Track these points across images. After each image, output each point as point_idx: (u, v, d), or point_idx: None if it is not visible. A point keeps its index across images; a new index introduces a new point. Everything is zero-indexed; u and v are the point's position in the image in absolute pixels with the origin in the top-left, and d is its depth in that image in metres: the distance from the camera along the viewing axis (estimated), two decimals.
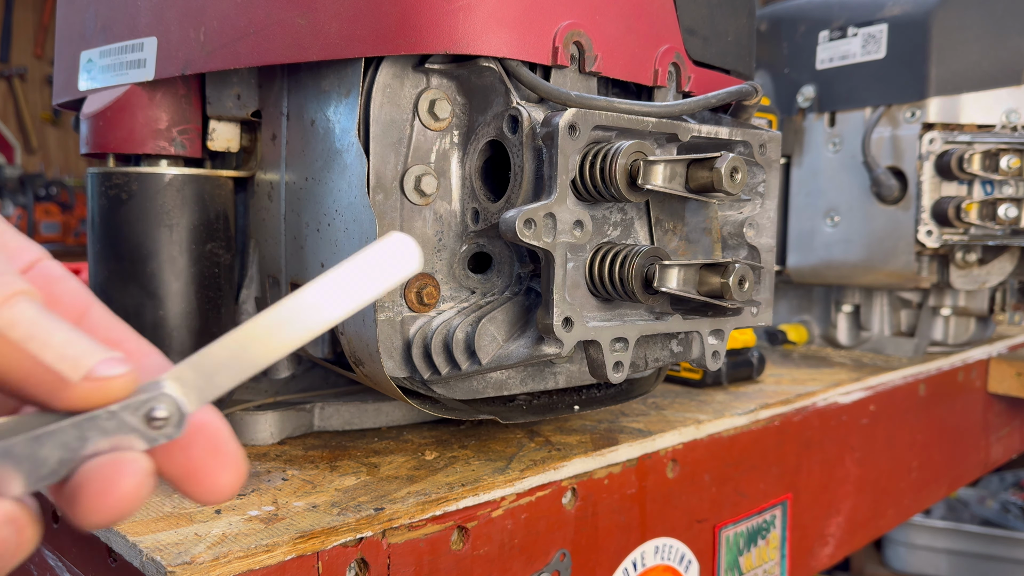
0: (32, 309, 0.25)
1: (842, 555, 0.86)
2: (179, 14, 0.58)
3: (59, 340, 0.25)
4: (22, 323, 0.25)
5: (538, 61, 0.52)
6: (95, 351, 0.26)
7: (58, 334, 0.25)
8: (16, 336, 0.25)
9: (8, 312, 0.25)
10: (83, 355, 0.25)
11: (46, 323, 0.25)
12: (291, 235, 0.60)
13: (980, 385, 1.10)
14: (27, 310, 0.25)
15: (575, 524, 0.56)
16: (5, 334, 0.25)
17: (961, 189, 0.98)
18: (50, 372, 0.25)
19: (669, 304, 0.57)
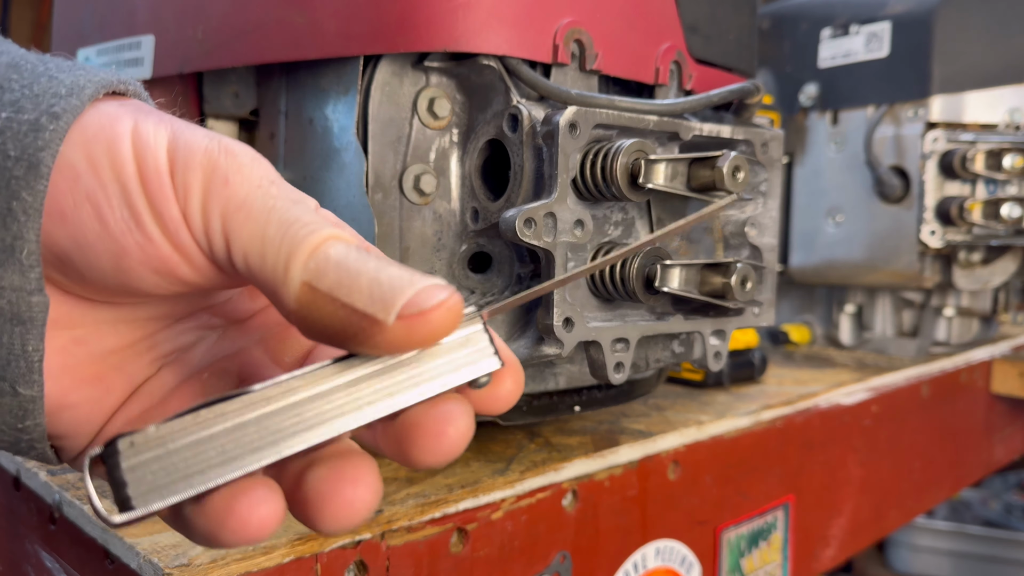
0: (340, 253, 0.24)
1: (845, 557, 0.85)
2: (177, 12, 0.57)
3: (368, 281, 0.23)
4: (330, 270, 0.23)
5: (538, 59, 0.52)
6: (407, 284, 0.23)
7: (367, 274, 0.23)
8: (325, 285, 0.23)
9: (315, 262, 0.23)
10: (394, 292, 0.23)
11: (355, 264, 0.23)
12: None
13: (983, 386, 1.09)
14: (335, 255, 0.24)
15: (576, 526, 0.56)
16: (315, 285, 0.23)
17: (964, 188, 0.98)
18: (364, 317, 0.23)
19: (671, 304, 0.57)
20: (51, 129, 0.24)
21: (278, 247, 0.24)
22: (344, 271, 0.23)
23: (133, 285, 0.26)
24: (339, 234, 0.24)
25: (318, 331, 0.24)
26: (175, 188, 0.25)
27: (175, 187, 0.25)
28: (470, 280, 0.55)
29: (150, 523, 0.45)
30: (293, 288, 0.24)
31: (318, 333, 0.24)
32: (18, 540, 0.54)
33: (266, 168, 0.26)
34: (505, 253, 0.55)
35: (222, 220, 0.24)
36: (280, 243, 0.24)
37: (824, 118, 1.07)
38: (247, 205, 0.24)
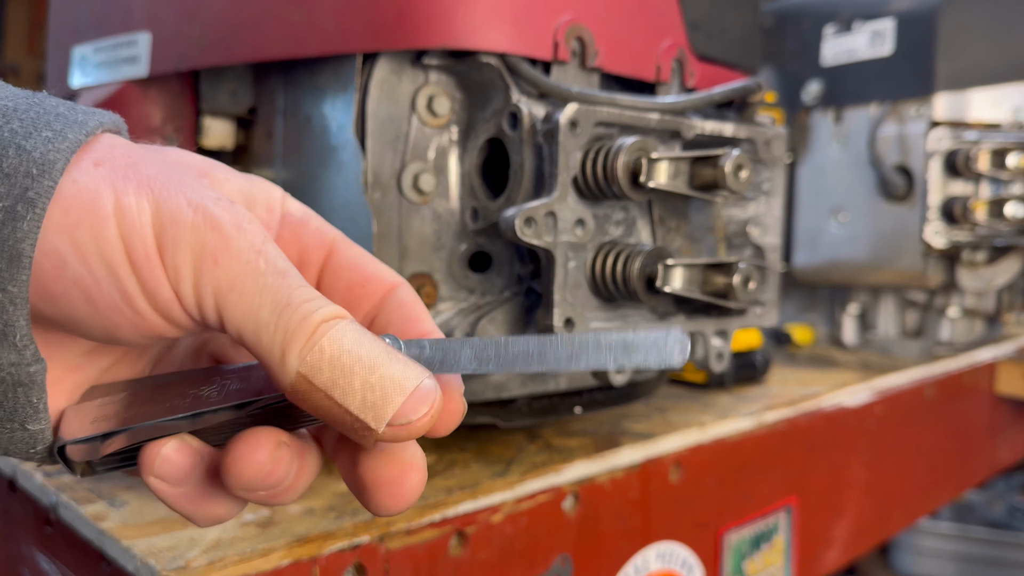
0: (335, 346, 0.25)
1: (848, 559, 0.85)
2: (173, 9, 0.57)
3: (360, 384, 0.25)
4: (325, 367, 0.25)
5: (539, 56, 0.51)
6: (397, 392, 0.25)
7: (360, 376, 0.25)
8: (319, 382, 0.25)
9: (310, 355, 0.25)
10: (385, 402, 0.25)
11: (348, 362, 0.25)
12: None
13: (987, 387, 1.09)
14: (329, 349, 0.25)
15: (576, 529, 0.55)
16: (310, 379, 0.25)
17: (968, 187, 0.97)
18: (357, 420, 0.25)
19: (672, 304, 0.56)
20: (28, 219, 0.24)
21: (272, 333, 0.25)
22: (339, 370, 0.25)
23: (123, 342, 0.27)
24: (331, 313, 0.25)
25: (312, 412, 0.26)
26: (165, 268, 0.25)
27: (165, 267, 0.25)
28: (470, 280, 0.55)
29: (146, 525, 0.44)
30: (289, 376, 0.25)
31: (311, 414, 0.26)
32: (14, 543, 0.54)
33: (252, 236, 0.26)
34: (505, 253, 0.55)
35: (215, 299, 0.25)
36: (275, 329, 0.25)
37: (827, 116, 1.06)
38: (239, 286, 0.25)
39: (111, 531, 0.44)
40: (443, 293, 0.54)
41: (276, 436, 0.26)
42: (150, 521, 0.45)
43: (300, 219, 0.32)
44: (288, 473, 0.27)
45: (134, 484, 0.50)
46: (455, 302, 0.54)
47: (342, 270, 0.31)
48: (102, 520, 0.45)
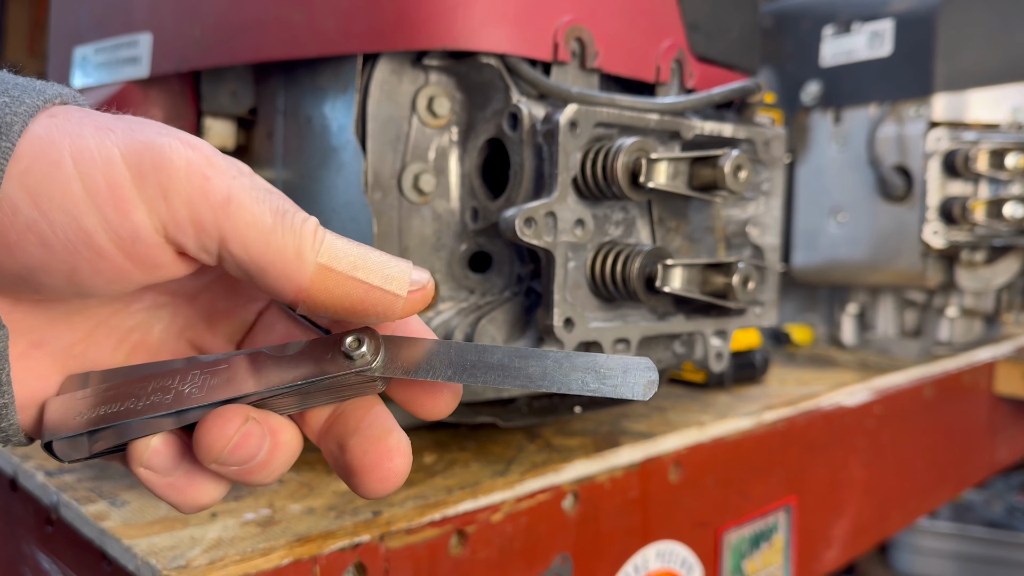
0: (337, 238, 0.27)
1: (847, 559, 0.85)
2: (174, 9, 0.57)
3: (375, 263, 0.27)
4: (342, 254, 0.27)
5: (538, 57, 0.51)
6: (403, 265, 0.27)
7: (371, 256, 0.27)
8: (343, 267, 0.26)
9: (327, 248, 0.26)
10: (400, 271, 0.27)
11: (355, 248, 0.27)
12: None
13: (986, 386, 1.09)
14: (338, 240, 0.27)
15: (576, 528, 0.55)
16: (331, 267, 0.26)
17: (967, 188, 0.97)
18: (385, 294, 0.27)
19: (672, 304, 0.56)
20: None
21: (282, 235, 0.26)
22: (355, 255, 0.27)
23: (87, 292, 0.27)
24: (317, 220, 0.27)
25: (332, 307, 0.27)
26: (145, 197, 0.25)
27: (145, 196, 0.25)
28: (470, 280, 0.55)
29: (147, 525, 0.44)
30: (308, 269, 0.26)
31: (331, 308, 0.27)
32: (15, 542, 0.54)
33: (230, 160, 0.27)
34: (505, 253, 0.55)
35: (213, 214, 0.25)
36: (283, 231, 0.26)
37: (826, 117, 1.07)
38: (235, 197, 0.26)
39: (112, 530, 0.44)
40: (443, 293, 0.54)
41: (245, 412, 0.27)
42: (151, 520, 0.45)
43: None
44: (259, 448, 0.27)
45: (135, 483, 0.50)
46: (455, 302, 0.54)
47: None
48: (103, 519, 0.45)
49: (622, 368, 0.28)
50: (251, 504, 0.48)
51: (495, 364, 0.28)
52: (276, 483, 0.52)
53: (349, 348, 0.28)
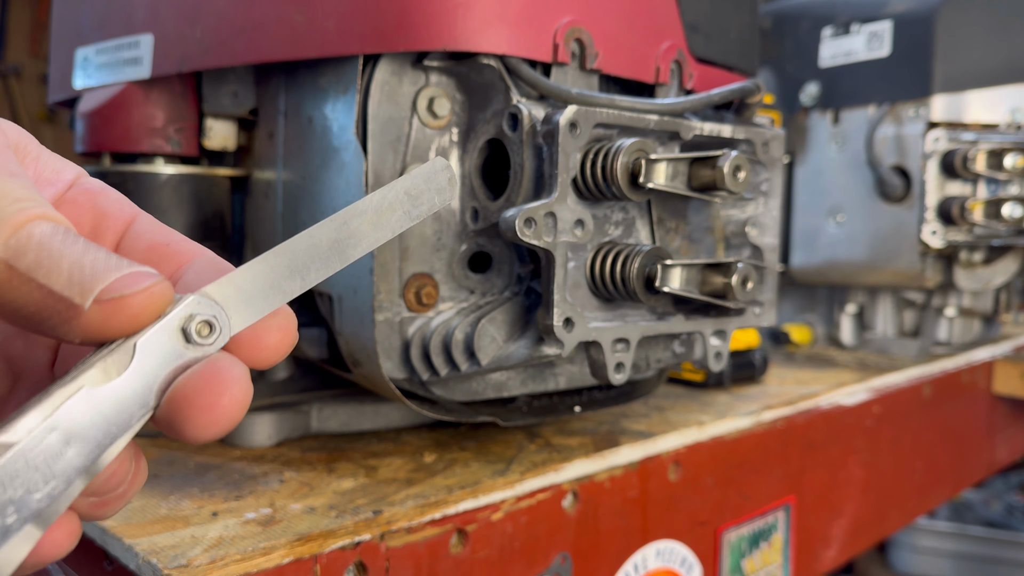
0: (46, 233, 0.23)
1: (846, 558, 0.85)
2: (175, 10, 0.57)
3: (69, 264, 0.22)
4: (31, 250, 0.22)
5: (538, 58, 0.52)
6: (111, 269, 0.23)
7: (70, 256, 0.22)
8: (24, 265, 0.22)
9: (16, 240, 0.22)
10: (95, 276, 0.22)
11: (59, 246, 0.23)
12: (288, 234, 0.59)
13: (985, 386, 1.09)
14: (40, 235, 0.23)
15: (576, 527, 0.56)
16: (12, 264, 0.22)
17: (966, 188, 0.97)
18: (60, 300, 0.22)
19: (671, 304, 0.56)
20: None
21: None
22: (45, 252, 0.22)
23: None
24: (50, 214, 0.23)
25: (12, 313, 0.23)
26: None
27: None
28: (470, 280, 0.55)
29: (148, 524, 0.45)
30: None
31: (12, 315, 0.23)
32: None
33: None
34: (505, 253, 0.55)
35: None
36: None
37: (825, 117, 1.07)
38: None
39: (113, 530, 0.44)
40: (443, 293, 0.54)
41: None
42: (152, 520, 0.45)
43: (100, 188, 0.29)
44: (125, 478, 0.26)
45: None
46: (455, 302, 0.55)
47: (144, 233, 0.28)
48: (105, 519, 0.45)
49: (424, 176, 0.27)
50: (252, 503, 0.48)
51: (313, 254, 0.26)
52: (277, 482, 0.52)
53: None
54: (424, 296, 0.53)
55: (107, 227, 0.28)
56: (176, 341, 0.24)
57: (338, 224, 0.27)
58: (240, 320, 0.25)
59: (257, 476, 0.53)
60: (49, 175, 0.28)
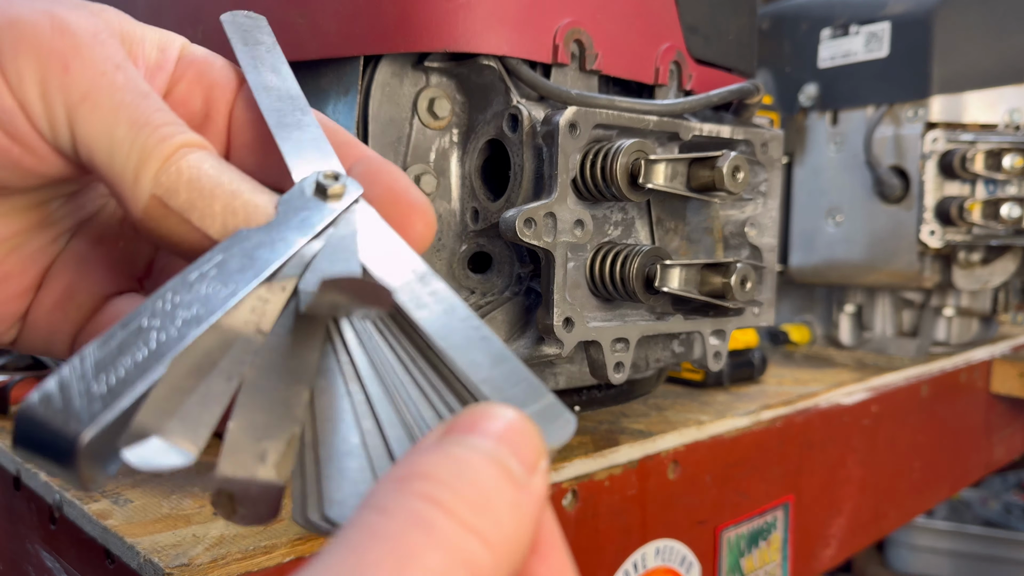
0: (193, 168, 0.23)
1: (844, 556, 0.85)
2: (175, 12, 0.57)
3: (222, 207, 0.23)
4: (182, 188, 0.23)
5: (538, 59, 0.52)
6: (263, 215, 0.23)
7: (221, 198, 0.23)
8: (177, 204, 0.23)
9: (167, 176, 0.23)
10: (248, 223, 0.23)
11: (209, 184, 0.23)
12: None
13: (983, 386, 1.09)
14: (188, 170, 0.23)
15: (575, 526, 0.56)
16: (167, 202, 0.23)
17: (964, 189, 0.98)
18: (214, 243, 0.23)
19: (671, 304, 0.57)
20: None
21: (127, 151, 0.23)
22: (197, 191, 0.23)
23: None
24: (192, 140, 0.23)
25: (161, 243, 0.24)
26: (5, 75, 0.22)
27: (5, 74, 0.22)
28: (470, 280, 0.55)
29: (150, 523, 0.45)
30: (142, 199, 0.23)
31: (160, 243, 0.24)
32: (18, 540, 0.54)
33: (110, 48, 0.24)
34: (505, 253, 0.55)
35: (66, 111, 0.23)
36: (130, 147, 0.23)
37: (824, 118, 1.07)
38: (92, 97, 0.23)
39: (115, 528, 0.44)
40: None
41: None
42: (154, 518, 0.45)
43: (204, 58, 0.29)
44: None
45: (138, 482, 0.51)
46: None
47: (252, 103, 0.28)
48: (106, 517, 0.45)
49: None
50: None
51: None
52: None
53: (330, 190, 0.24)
54: None
55: (217, 99, 0.28)
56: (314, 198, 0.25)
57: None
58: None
59: None
60: (157, 58, 0.28)
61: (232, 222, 0.23)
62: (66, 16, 0.23)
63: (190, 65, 0.29)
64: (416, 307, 0.24)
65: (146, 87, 0.24)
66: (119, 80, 0.23)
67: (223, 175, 0.23)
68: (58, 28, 0.23)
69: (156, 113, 0.23)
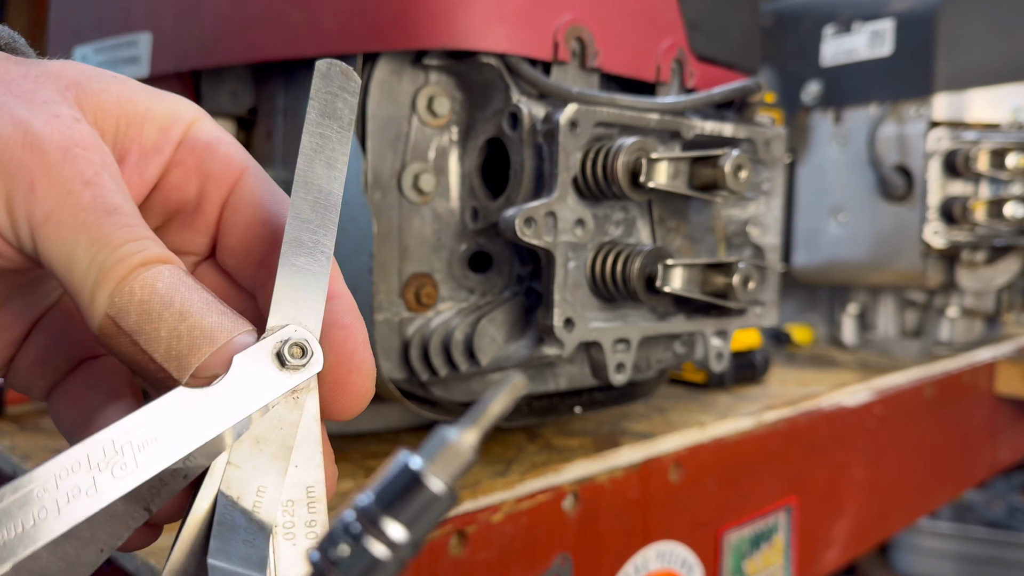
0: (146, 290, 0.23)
1: (848, 559, 0.85)
2: (174, 9, 0.57)
3: (168, 333, 0.23)
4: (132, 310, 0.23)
5: (539, 57, 0.51)
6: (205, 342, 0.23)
7: (167, 323, 0.23)
8: (127, 326, 0.23)
9: (119, 297, 0.23)
10: (191, 350, 0.23)
11: (158, 309, 0.23)
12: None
13: (987, 386, 1.09)
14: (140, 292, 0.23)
15: (576, 528, 0.55)
16: (118, 322, 0.23)
17: (968, 188, 0.97)
18: (160, 369, 0.23)
19: (672, 304, 0.56)
20: None
21: (85, 271, 0.23)
22: (145, 314, 0.23)
23: None
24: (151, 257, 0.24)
25: (120, 360, 0.24)
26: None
27: None
28: (470, 280, 0.55)
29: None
30: (96, 317, 0.23)
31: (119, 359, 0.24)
32: None
33: (82, 164, 0.24)
34: (505, 253, 0.55)
35: (29, 229, 0.23)
36: (88, 267, 0.23)
37: (827, 116, 1.07)
38: (55, 217, 0.23)
39: None
40: (443, 293, 0.54)
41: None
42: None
43: (207, 144, 0.28)
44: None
45: None
46: (455, 302, 0.54)
47: (244, 205, 0.28)
48: None
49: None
50: None
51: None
52: None
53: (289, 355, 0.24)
54: (423, 296, 0.53)
55: (211, 192, 0.28)
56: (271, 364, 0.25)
57: (303, 180, 0.26)
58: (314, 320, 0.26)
59: None
60: (156, 140, 0.28)
61: (177, 347, 0.23)
62: (39, 131, 0.23)
63: (191, 151, 0.28)
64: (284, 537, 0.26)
65: (116, 201, 0.24)
66: (85, 199, 0.23)
67: (175, 295, 0.24)
68: (28, 144, 0.23)
69: (120, 231, 0.23)
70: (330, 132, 0.27)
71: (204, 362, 0.23)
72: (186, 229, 0.29)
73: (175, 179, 0.28)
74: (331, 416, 0.27)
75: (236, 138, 0.64)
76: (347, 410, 0.27)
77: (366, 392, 0.27)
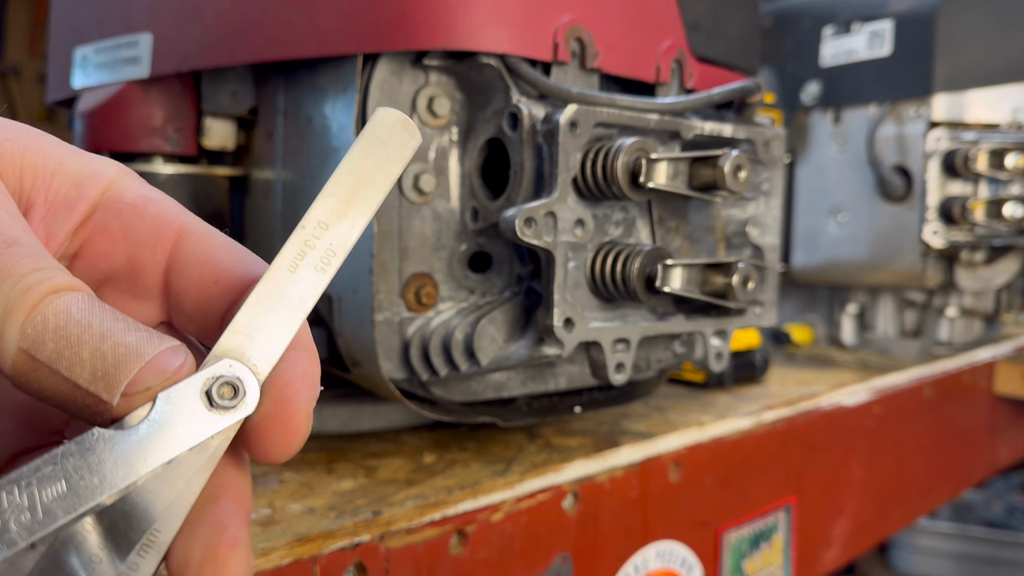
0: (60, 315, 0.21)
1: (847, 558, 0.85)
2: (174, 9, 0.57)
3: (90, 354, 0.21)
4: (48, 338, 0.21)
5: (538, 57, 0.51)
6: (132, 357, 0.22)
7: (89, 344, 0.21)
8: (44, 356, 0.21)
9: (32, 327, 0.21)
10: (118, 368, 0.21)
11: (76, 331, 0.21)
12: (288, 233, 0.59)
13: (986, 386, 1.09)
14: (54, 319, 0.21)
15: (576, 528, 0.55)
16: (34, 355, 0.21)
17: (967, 188, 0.97)
18: (87, 395, 0.22)
19: (672, 304, 0.56)
20: None
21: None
22: (64, 340, 0.21)
23: None
24: (62, 285, 0.22)
25: (46, 400, 0.22)
26: None
27: None
28: (470, 280, 0.55)
29: None
30: (8, 354, 0.21)
31: (47, 402, 0.22)
32: None
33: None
34: (505, 253, 0.55)
35: None
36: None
37: (826, 117, 1.07)
38: None
39: None
40: (443, 293, 0.54)
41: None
42: None
43: (133, 205, 0.26)
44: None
45: None
46: (455, 302, 0.54)
47: (189, 267, 0.26)
48: None
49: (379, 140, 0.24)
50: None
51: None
52: (276, 482, 0.52)
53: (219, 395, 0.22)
54: (424, 296, 0.53)
55: (144, 258, 0.26)
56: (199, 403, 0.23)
57: (313, 218, 0.25)
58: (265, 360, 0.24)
59: (256, 476, 0.53)
60: (68, 194, 0.26)
61: (103, 366, 0.21)
62: None
63: (116, 215, 0.26)
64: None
65: (16, 232, 0.22)
66: None
67: (93, 318, 0.22)
68: None
69: (23, 260, 0.22)
70: (371, 177, 0.25)
71: (135, 377, 0.22)
72: (124, 297, 0.27)
73: (100, 247, 0.26)
74: (256, 457, 0.25)
75: (236, 138, 0.64)
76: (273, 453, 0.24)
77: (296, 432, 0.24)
